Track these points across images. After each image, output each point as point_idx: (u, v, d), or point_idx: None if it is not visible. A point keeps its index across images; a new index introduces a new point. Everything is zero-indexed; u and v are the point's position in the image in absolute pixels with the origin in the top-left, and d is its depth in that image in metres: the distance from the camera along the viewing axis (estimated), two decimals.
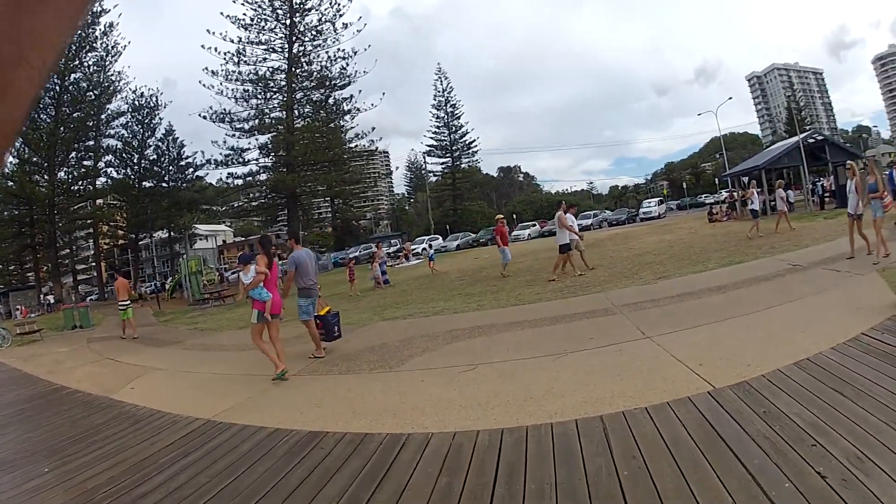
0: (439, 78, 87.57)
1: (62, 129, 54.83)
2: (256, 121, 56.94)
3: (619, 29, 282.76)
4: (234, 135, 57.16)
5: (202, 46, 54.89)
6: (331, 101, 59.81)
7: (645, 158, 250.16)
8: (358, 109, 59.93)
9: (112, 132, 61.84)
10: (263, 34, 56.45)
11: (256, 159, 58.59)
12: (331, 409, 6.40)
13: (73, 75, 55.80)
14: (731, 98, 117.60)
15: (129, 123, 62.50)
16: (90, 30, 56.17)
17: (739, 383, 5.14)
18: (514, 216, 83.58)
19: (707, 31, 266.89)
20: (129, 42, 60.30)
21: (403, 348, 9.24)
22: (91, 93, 57.44)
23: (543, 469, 4.05)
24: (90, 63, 57.40)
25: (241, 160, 57.81)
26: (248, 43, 55.93)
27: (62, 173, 57.49)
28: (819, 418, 4.16)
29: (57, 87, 54.57)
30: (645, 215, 58.67)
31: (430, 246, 38.54)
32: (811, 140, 34.74)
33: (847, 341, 5.91)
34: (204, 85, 55.57)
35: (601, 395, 5.48)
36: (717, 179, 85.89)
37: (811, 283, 9.59)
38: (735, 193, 38.39)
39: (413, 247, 48.97)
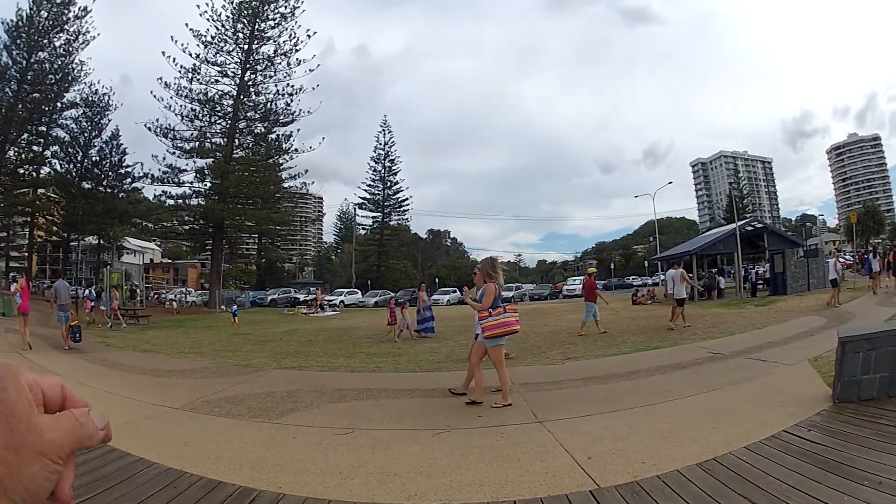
0: (383, 130, 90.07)
1: (20, 106, 53.34)
2: (197, 143, 55.62)
3: (573, 102, 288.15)
4: (174, 153, 55.45)
5: (162, 54, 53.34)
6: (272, 136, 59.24)
7: (577, 236, 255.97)
8: (297, 150, 59.47)
9: (63, 122, 60.37)
10: (220, 55, 55.54)
11: (191, 183, 57.01)
12: (196, 449, 6.12)
13: (40, 53, 54.67)
14: (671, 182, 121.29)
15: (80, 118, 61.02)
16: (66, 10, 55.21)
17: (629, 483, 4.60)
18: (437, 280, 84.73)
19: (665, 111, 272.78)
20: (99, 33, 58.57)
21: (288, 400, 8.87)
22: (52, 76, 55.99)
23: None
24: (59, 45, 56.22)
25: (176, 180, 56.05)
26: (204, 61, 54.89)
27: (11, 153, 55.74)
28: None
29: (24, 63, 53.61)
30: (569, 292, 58.80)
31: (234, 301, 41.20)
32: (749, 227, 35.33)
33: (764, 439, 5.45)
34: (155, 96, 53.80)
35: (471, 480, 4.97)
36: (646, 262, 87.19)
37: (731, 374, 9.22)
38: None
39: (329, 298, 49.16)
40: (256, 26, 56.14)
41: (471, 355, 8.58)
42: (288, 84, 57.63)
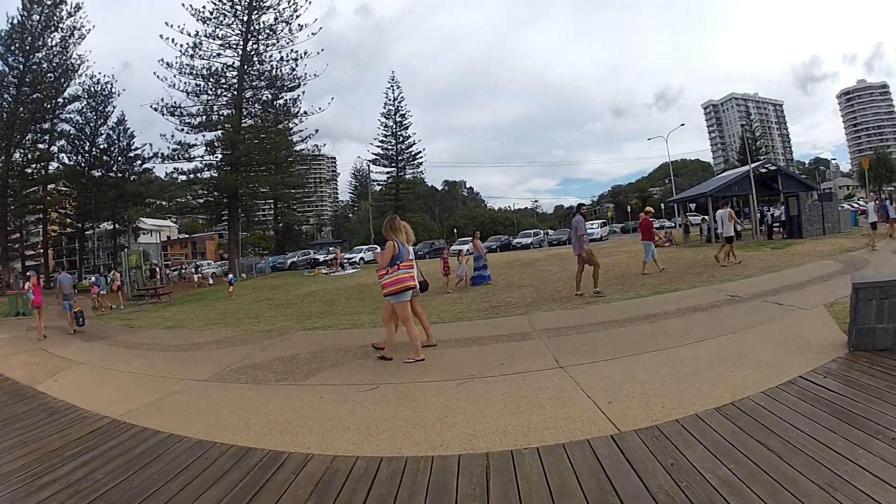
0: (391, 86, 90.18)
1: (21, 109, 54.28)
2: (204, 117, 55.99)
3: (581, 49, 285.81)
4: (182, 129, 56.24)
5: (160, 37, 53.90)
6: (279, 102, 59.38)
7: (593, 180, 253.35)
8: (305, 113, 59.93)
9: (67, 117, 61.63)
10: (220, 29, 55.77)
11: (202, 156, 57.60)
12: (225, 419, 6.23)
13: (36, 55, 55.53)
14: (682, 125, 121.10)
15: (84, 109, 62.37)
16: (57, 9, 55.97)
17: (649, 428, 4.65)
18: (455, 230, 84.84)
19: (674, 56, 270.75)
20: (94, 26, 59.49)
21: (313, 361, 8.94)
22: (51, 74, 56.92)
23: None
24: (54, 44, 57.12)
25: (186, 156, 56.87)
26: (204, 37, 55.20)
27: (17, 154, 56.85)
28: (736, 476, 3.68)
29: (21, 66, 54.49)
30: (588, 236, 57.76)
31: (230, 271, 41.64)
32: (763, 170, 34.83)
33: (781, 385, 5.48)
34: (158, 77, 54.27)
35: (494, 429, 5.03)
36: (663, 204, 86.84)
37: (749, 317, 9.21)
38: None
39: (349, 256, 49.32)
40: None
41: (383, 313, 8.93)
42: (291, 50, 58.12)
